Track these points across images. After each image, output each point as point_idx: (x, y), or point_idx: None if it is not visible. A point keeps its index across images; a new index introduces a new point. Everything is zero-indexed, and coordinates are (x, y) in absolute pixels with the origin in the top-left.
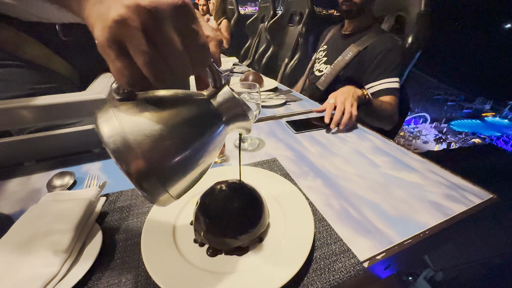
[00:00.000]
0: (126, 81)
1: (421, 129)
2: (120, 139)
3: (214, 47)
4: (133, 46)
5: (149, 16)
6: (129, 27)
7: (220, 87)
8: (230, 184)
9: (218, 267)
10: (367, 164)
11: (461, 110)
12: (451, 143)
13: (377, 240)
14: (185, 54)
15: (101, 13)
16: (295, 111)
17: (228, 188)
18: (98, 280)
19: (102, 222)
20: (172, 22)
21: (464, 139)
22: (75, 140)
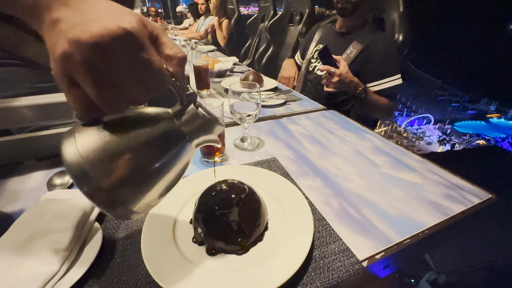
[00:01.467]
0: (82, 110)
1: (424, 130)
2: (78, 168)
3: (175, 67)
4: (80, 80)
5: (91, 50)
6: (73, 62)
7: (186, 105)
8: (228, 184)
9: (217, 266)
10: (366, 164)
11: (466, 111)
12: (455, 144)
13: (376, 240)
14: (135, 83)
15: (51, 44)
16: (295, 111)
17: (227, 188)
18: (98, 278)
19: (102, 221)
20: (118, 53)
21: (469, 140)
22: None
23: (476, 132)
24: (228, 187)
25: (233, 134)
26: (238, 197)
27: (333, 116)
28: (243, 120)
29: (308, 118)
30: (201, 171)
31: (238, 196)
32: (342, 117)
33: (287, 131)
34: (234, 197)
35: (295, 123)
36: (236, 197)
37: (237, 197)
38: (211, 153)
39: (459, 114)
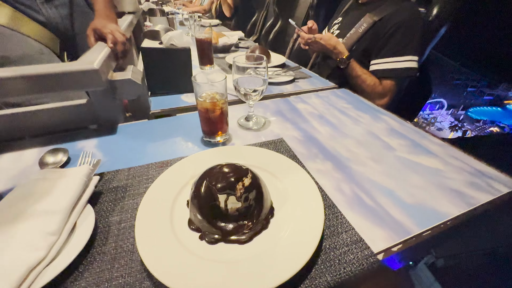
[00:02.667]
0: None
1: (436, 116)
2: None
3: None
4: None
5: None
6: None
7: None
8: (229, 167)
9: (217, 256)
10: (381, 147)
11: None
12: (466, 131)
13: (392, 230)
14: None
15: None
16: (304, 89)
17: (227, 170)
18: (90, 265)
19: (96, 203)
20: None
21: (482, 127)
22: (69, 115)
23: (490, 118)
24: (228, 170)
25: (237, 113)
26: (239, 180)
27: (345, 95)
28: (248, 97)
29: (318, 97)
30: (203, 151)
31: (240, 180)
32: (354, 96)
33: (295, 110)
34: (234, 181)
35: (304, 102)
36: (237, 180)
37: (238, 180)
38: (213, 132)
39: (475, 100)
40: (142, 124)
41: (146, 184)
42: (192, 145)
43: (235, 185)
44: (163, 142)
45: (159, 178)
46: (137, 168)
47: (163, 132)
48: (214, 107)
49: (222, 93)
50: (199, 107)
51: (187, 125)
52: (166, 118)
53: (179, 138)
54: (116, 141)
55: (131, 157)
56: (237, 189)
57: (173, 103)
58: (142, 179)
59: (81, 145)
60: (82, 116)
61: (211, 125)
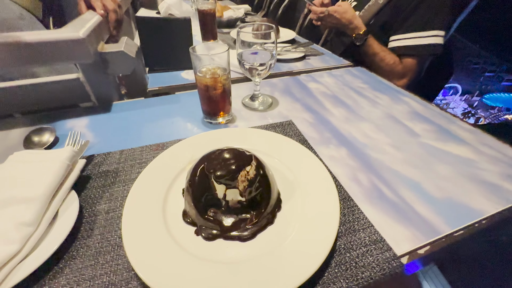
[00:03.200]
0: None
1: (449, 101)
2: None
3: None
4: None
5: None
6: None
7: None
8: (230, 152)
9: (214, 255)
10: (403, 132)
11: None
12: (480, 118)
13: (418, 229)
14: None
15: None
16: (315, 67)
17: (228, 156)
18: (71, 260)
19: (82, 189)
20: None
21: (496, 114)
22: (58, 92)
23: (506, 105)
24: (230, 156)
25: (241, 92)
26: (242, 169)
27: (361, 73)
28: (254, 73)
29: (331, 76)
30: (202, 134)
31: (242, 168)
32: (372, 75)
33: (305, 90)
34: (236, 169)
35: (316, 81)
36: (239, 168)
37: (241, 168)
38: (214, 113)
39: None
40: (138, 102)
41: (139, 168)
42: (191, 126)
43: (236, 174)
44: (160, 122)
45: (153, 163)
46: (129, 151)
47: (160, 111)
48: (215, 83)
49: (225, 68)
50: (198, 83)
51: (186, 105)
52: (164, 97)
53: (177, 118)
54: (109, 121)
55: (124, 138)
56: (239, 180)
57: (173, 80)
58: (134, 163)
59: (71, 124)
60: (72, 93)
61: (212, 105)
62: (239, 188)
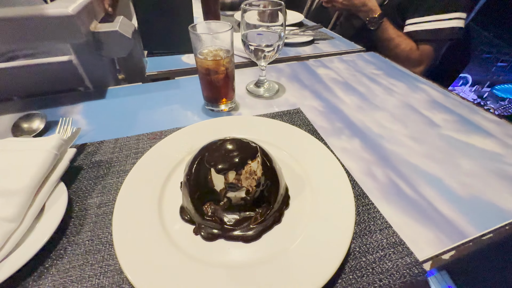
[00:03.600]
0: None
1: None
2: None
3: None
4: None
5: None
6: None
7: None
8: (233, 143)
9: (215, 257)
10: (422, 123)
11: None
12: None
13: (442, 231)
14: None
15: None
16: (325, 51)
17: (230, 148)
18: (59, 259)
19: (73, 181)
20: None
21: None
22: (50, 75)
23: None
24: (233, 147)
25: (246, 77)
26: (246, 161)
27: (374, 59)
28: (260, 55)
29: (342, 61)
30: (203, 122)
31: (246, 160)
32: (386, 61)
33: (314, 76)
34: (239, 161)
35: (325, 67)
36: (242, 161)
37: (245, 161)
38: (216, 99)
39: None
40: (135, 88)
41: (134, 159)
42: (192, 114)
43: (240, 168)
44: (158, 109)
45: (150, 153)
46: (125, 140)
47: (158, 97)
48: (217, 66)
49: (228, 49)
50: (199, 67)
51: (187, 91)
52: (163, 82)
53: (176, 105)
54: (104, 107)
55: (119, 126)
56: (243, 172)
57: (172, 64)
58: (130, 153)
59: (64, 110)
60: (64, 77)
61: (214, 91)
62: (242, 182)
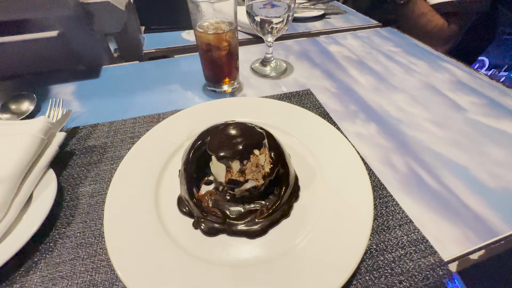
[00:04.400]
0: None
1: None
2: None
3: None
4: None
5: None
6: None
7: None
8: (237, 127)
9: (215, 253)
10: (446, 106)
11: None
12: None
13: (469, 228)
14: None
15: None
16: (337, 27)
17: (234, 133)
18: (48, 252)
19: (64, 168)
20: None
21: None
22: (38, 52)
23: None
24: (236, 132)
25: (250, 55)
26: (250, 148)
27: (391, 35)
28: (267, 29)
29: (356, 38)
30: (204, 104)
31: (251, 149)
32: (405, 37)
33: (326, 54)
34: (244, 148)
35: (338, 44)
36: (247, 149)
37: (250, 150)
38: (218, 79)
39: None
40: (132, 66)
41: (130, 144)
42: (192, 95)
43: (245, 157)
44: (156, 90)
45: (146, 137)
46: (120, 123)
47: (156, 77)
48: (219, 42)
49: (230, 22)
50: (198, 42)
51: (187, 70)
52: (162, 60)
53: (176, 85)
54: (98, 88)
55: (114, 108)
56: (248, 160)
57: (172, 41)
58: (125, 137)
59: (55, 91)
60: (55, 55)
61: (216, 69)
62: (247, 170)
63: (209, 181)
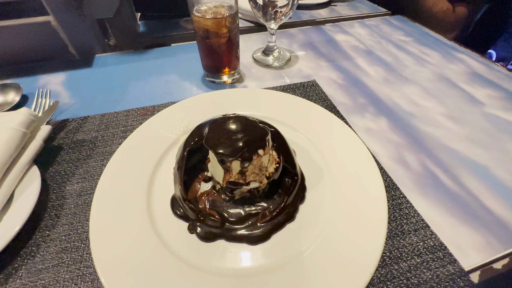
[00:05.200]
0: None
1: None
2: None
3: None
4: None
5: None
6: None
7: None
8: (237, 122)
9: (213, 261)
10: (461, 99)
11: None
12: None
13: (491, 233)
14: None
15: None
16: (343, 15)
17: (234, 128)
18: (30, 257)
19: (50, 164)
20: None
21: None
22: (27, 39)
23: None
24: (237, 127)
25: (252, 44)
26: (253, 148)
27: (402, 23)
28: (270, 14)
29: (364, 26)
30: (202, 95)
31: (254, 147)
32: (416, 26)
33: (332, 43)
34: (245, 147)
35: (345, 32)
36: (249, 147)
37: (252, 148)
38: (217, 69)
39: None
40: (126, 56)
41: (122, 138)
42: (190, 86)
43: (246, 151)
44: (151, 80)
45: (138, 131)
46: (112, 115)
47: (152, 67)
48: (219, 27)
49: (231, 5)
50: (196, 27)
51: (185, 59)
52: (159, 49)
53: (172, 75)
54: (90, 77)
55: (106, 99)
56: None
57: (169, 29)
58: (117, 131)
59: (44, 80)
60: (44, 42)
61: (215, 58)
62: (248, 170)
63: (208, 178)
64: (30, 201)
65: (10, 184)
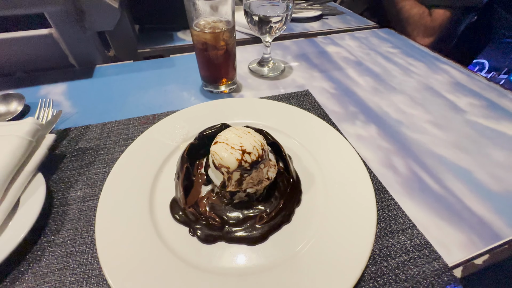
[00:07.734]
0: None
1: None
2: None
3: None
4: None
5: None
6: None
7: None
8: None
9: (213, 262)
10: (445, 107)
11: None
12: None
13: (474, 232)
14: None
15: None
16: (334, 28)
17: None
18: (36, 261)
19: (53, 171)
20: None
21: None
22: (29, 51)
23: None
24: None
25: (248, 55)
26: (248, 152)
27: (389, 36)
28: (265, 28)
29: (354, 38)
30: (201, 104)
31: (249, 151)
32: (402, 38)
33: (324, 55)
34: (241, 153)
35: (336, 44)
36: (245, 152)
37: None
38: (215, 79)
39: None
40: (125, 66)
41: (124, 146)
42: (188, 96)
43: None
44: (151, 90)
45: (140, 139)
46: (113, 124)
47: (151, 77)
48: (217, 41)
49: (228, 21)
50: (195, 41)
51: (183, 69)
52: (157, 60)
53: (171, 86)
54: (91, 87)
55: (107, 108)
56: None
57: (167, 40)
58: (119, 139)
59: (45, 90)
60: (46, 53)
61: (213, 69)
62: (245, 175)
63: (207, 182)
64: (35, 207)
65: (16, 191)
